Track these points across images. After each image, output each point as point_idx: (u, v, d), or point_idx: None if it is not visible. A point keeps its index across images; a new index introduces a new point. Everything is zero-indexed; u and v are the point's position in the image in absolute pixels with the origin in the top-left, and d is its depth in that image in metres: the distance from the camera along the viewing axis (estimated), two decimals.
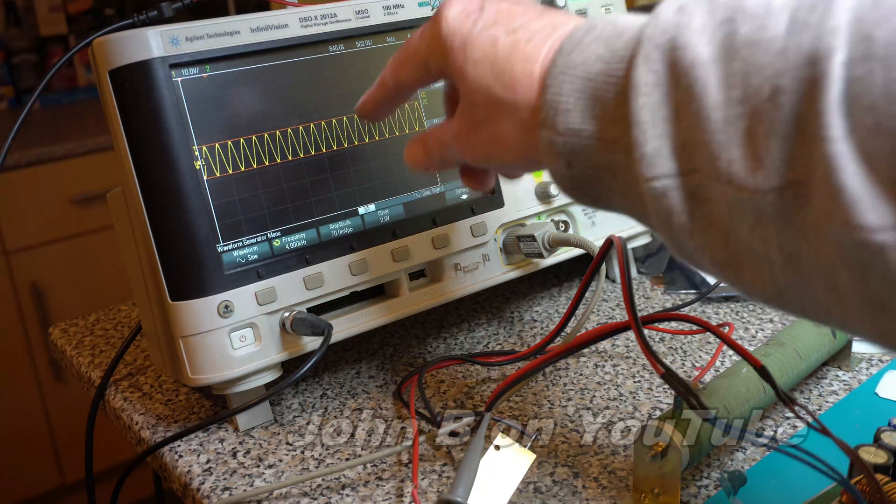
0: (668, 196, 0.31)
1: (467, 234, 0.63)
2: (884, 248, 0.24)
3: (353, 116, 0.59)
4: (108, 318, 0.82)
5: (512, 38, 0.37)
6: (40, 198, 1.91)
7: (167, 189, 0.53)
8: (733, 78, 0.28)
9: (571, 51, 0.34)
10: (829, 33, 0.25)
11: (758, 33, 0.27)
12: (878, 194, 0.24)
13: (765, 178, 0.27)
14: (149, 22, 0.59)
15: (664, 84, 0.30)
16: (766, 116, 0.27)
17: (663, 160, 0.30)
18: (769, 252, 0.28)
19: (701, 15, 0.29)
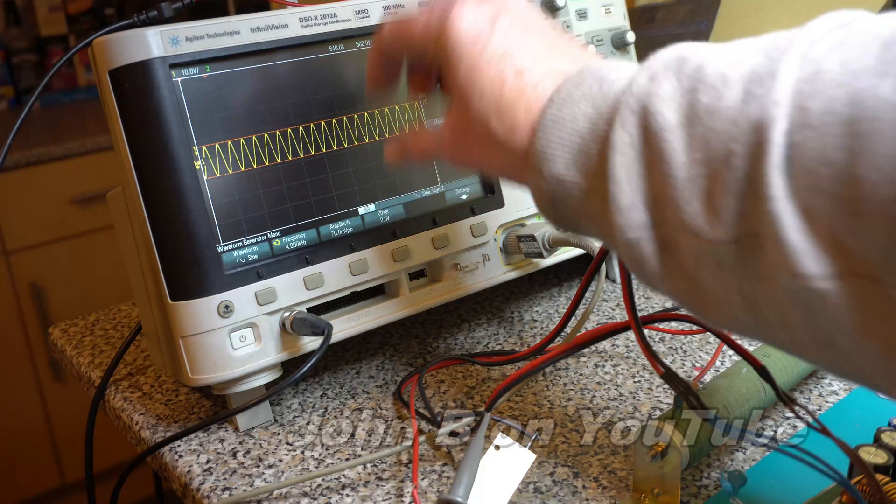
0: (640, 246, 0.34)
1: (467, 234, 0.63)
2: (825, 294, 0.27)
3: (353, 116, 0.59)
4: (108, 318, 0.82)
5: (519, 83, 0.39)
6: (40, 198, 1.91)
7: (167, 189, 0.53)
8: (696, 141, 0.31)
9: (562, 105, 0.37)
10: (772, 105, 0.28)
11: (716, 102, 0.30)
12: (819, 246, 0.27)
13: (723, 231, 0.30)
14: (149, 22, 0.59)
15: (638, 145, 0.33)
16: (721, 176, 0.30)
17: (636, 212, 0.33)
18: (730, 296, 0.31)
19: (669, 84, 0.32)
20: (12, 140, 0.59)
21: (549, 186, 0.37)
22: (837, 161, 0.26)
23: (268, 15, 0.56)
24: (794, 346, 0.31)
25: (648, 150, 0.32)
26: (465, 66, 0.41)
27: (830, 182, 0.26)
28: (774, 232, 0.28)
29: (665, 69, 0.33)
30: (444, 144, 0.45)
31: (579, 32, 0.71)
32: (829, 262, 0.27)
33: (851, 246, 0.26)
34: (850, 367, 0.29)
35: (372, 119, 0.60)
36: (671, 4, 1.00)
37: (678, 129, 0.31)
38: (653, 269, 0.34)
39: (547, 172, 0.37)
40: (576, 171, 0.36)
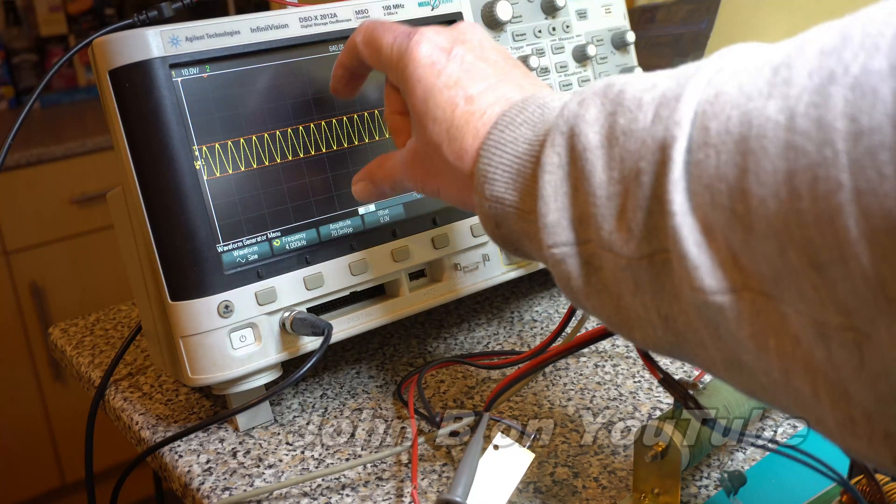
0: (566, 262, 0.35)
1: (467, 234, 0.63)
2: (723, 308, 0.28)
3: (353, 116, 0.59)
4: (108, 318, 0.82)
5: (468, 108, 0.41)
6: (40, 198, 1.91)
7: (167, 189, 0.53)
8: (613, 161, 0.32)
9: (504, 128, 0.39)
10: (675, 125, 0.30)
11: (631, 124, 0.32)
12: (716, 261, 0.28)
13: (636, 247, 0.31)
14: (149, 22, 0.59)
15: (565, 165, 0.35)
16: (633, 193, 0.31)
17: (562, 230, 0.35)
18: (650, 316, 0.32)
19: (594, 107, 0.34)
20: (12, 140, 0.59)
21: (490, 206, 0.39)
22: (730, 176, 0.27)
23: (268, 15, 0.56)
24: (711, 367, 0.31)
25: (574, 169, 0.34)
26: (420, 91, 0.43)
27: (725, 197, 0.27)
28: (676, 246, 0.29)
29: (593, 95, 0.35)
30: (407, 172, 0.47)
31: (579, 32, 0.72)
32: (726, 276, 0.28)
33: (745, 260, 0.27)
34: (758, 386, 0.30)
35: (371, 119, 0.60)
36: (671, 4, 1.00)
37: (599, 149, 0.33)
38: (579, 286, 0.35)
39: (488, 192, 0.39)
40: (513, 190, 0.38)
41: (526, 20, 0.68)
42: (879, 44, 0.24)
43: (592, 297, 0.35)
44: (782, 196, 0.25)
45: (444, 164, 0.42)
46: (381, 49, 0.46)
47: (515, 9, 0.68)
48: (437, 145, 0.42)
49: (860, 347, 0.25)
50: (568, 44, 0.71)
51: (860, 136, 0.23)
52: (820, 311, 0.25)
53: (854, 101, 0.24)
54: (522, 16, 0.68)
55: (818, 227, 0.24)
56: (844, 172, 0.23)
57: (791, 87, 0.26)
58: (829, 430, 0.28)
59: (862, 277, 0.24)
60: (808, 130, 0.25)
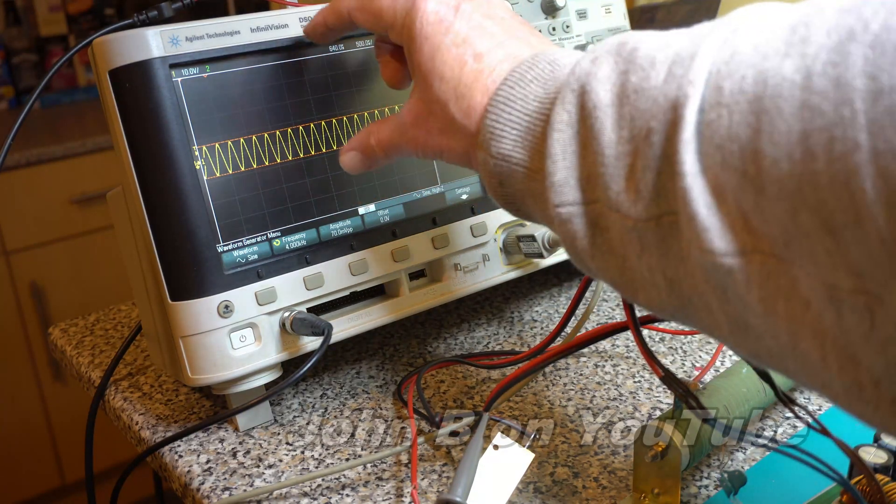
0: (572, 222, 0.34)
1: (467, 234, 0.63)
2: (733, 271, 0.28)
3: (353, 116, 0.59)
4: (108, 318, 0.82)
5: (477, 66, 0.41)
6: (40, 198, 1.91)
7: (167, 189, 0.53)
8: (623, 120, 0.32)
9: (514, 85, 0.38)
10: (688, 84, 0.29)
11: (643, 82, 0.32)
12: (726, 223, 0.28)
13: (644, 208, 0.31)
14: (149, 22, 0.59)
15: (575, 123, 0.34)
16: (642, 153, 0.31)
17: (569, 189, 0.34)
18: (655, 278, 0.32)
19: (607, 65, 0.34)
20: (12, 140, 0.59)
21: (496, 164, 0.38)
22: (743, 137, 0.27)
23: (268, 15, 0.56)
24: (716, 330, 0.31)
25: (584, 127, 0.34)
26: (427, 49, 0.42)
27: (737, 158, 0.27)
28: (686, 208, 0.29)
29: (606, 53, 0.34)
30: (406, 134, 0.45)
31: (579, 32, 0.72)
32: (736, 238, 0.27)
33: (756, 223, 0.27)
34: (764, 350, 0.29)
35: (371, 119, 0.60)
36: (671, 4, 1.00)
37: (609, 107, 0.32)
38: (584, 247, 0.34)
39: (495, 150, 0.38)
40: (521, 148, 0.37)
41: (526, 20, 0.68)
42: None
43: (598, 258, 0.34)
44: (796, 157, 0.25)
45: (450, 122, 0.41)
46: (380, 11, 0.45)
47: (515, 9, 0.68)
48: (443, 103, 0.41)
49: (871, 311, 0.24)
50: (568, 44, 0.71)
51: (880, 96, 0.23)
52: (831, 274, 0.25)
53: (874, 58, 0.23)
54: (522, 16, 0.68)
55: (833, 188, 0.24)
56: (862, 133, 0.23)
57: (808, 46, 0.25)
58: (835, 394, 0.27)
59: (878, 240, 0.23)
60: (825, 90, 0.24)
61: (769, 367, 0.31)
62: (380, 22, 0.46)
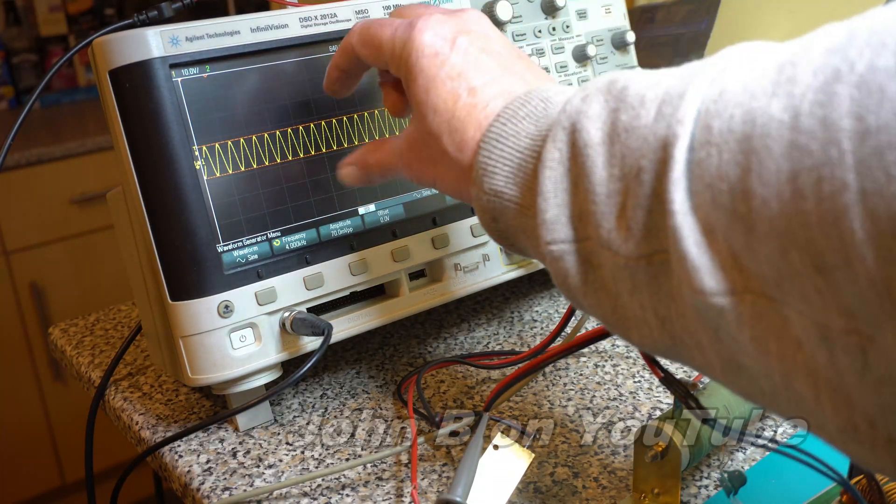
0: (564, 259, 0.34)
1: (467, 234, 0.63)
2: (724, 311, 0.27)
3: (353, 116, 0.59)
4: (108, 318, 0.82)
5: (471, 100, 0.41)
6: (40, 198, 1.91)
7: (167, 189, 0.53)
8: (614, 158, 0.32)
9: (506, 121, 0.38)
10: (677, 123, 0.29)
11: (633, 121, 0.32)
12: (717, 262, 0.28)
13: (635, 246, 0.31)
14: (149, 22, 0.59)
15: (566, 160, 0.34)
16: (633, 191, 0.31)
17: (561, 227, 0.34)
18: (647, 316, 0.32)
19: (597, 104, 0.34)
20: (12, 140, 0.59)
21: (488, 199, 0.38)
22: (732, 176, 0.27)
23: (268, 15, 0.56)
24: (709, 370, 0.31)
25: (574, 165, 0.34)
26: (422, 81, 0.43)
27: (727, 197, 0.27)
28: (676, 246, 0.28)
29: (597, 91, 0.34)
30: (402, 159, 0.46)
31: (579, 32, 0.72)
32: (727, 277, 0.27)
33: (746, 262, 0.27)
34: (758, 390, 0.29)
35: (371, 119, 0.60)
36: (671, 4, 1.00)
37: (600, 146, 0.33)
38: (576, 284, 0.34)
39: (487, 186, 0.38)
40: (513, 185, 0.37)
41: (526, 20, 0.69)
42: (886, 41, 0.23)
43: (590, 296, 0.34)
44: (785, 196, 0.25)
45: (444, 154, 0.42)
46: (381, 45, 0.46)
47: (515, 9, 0.68)
48: (437, 136, 0.42)
49: (864, 352, 0.24)
50: (568, 44, 0.71)
51: (867, 136, 0.23)
52: (823, 314, 0.25)
53: (860, 99, 0.23)
54: (522, 16, 0.68)
55: (822, 228, 0.24)
56: (850, 173, 0.23)
57: (796, 86, 0.25)
58: (830, 435, 0.27)
59: (867, 280, 0.23)
60: (812, 129, 0.24)
61: (763, 407, 0.31)
62: (380, 55, 0.46)
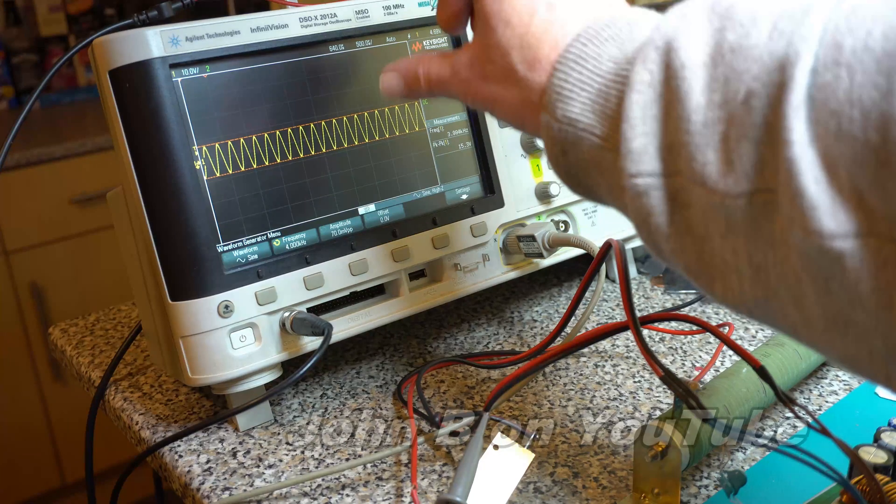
0: (649, 195, 0.31)
1: (467, 234, 0.63)
2: (843, 256, 0.24)
3: (353, 116, 0.59)
4: (108, 318, 0.82)
5: (549, 16, 0.37)
6: (40, 198, 1.91)
7: (167, 189, 0.53)
8: (716, 82, 0.28)
9: (587, 42, 0.34)
10: (800, 40, 0.26)
11: (742, 40, 0.28)
12: (838, 201, 0.24)
13: (735, 183, 0.28)
14: (149, 22, 0.59)
15: (658, 84, 0.30)
16: (739, 120, 0.27)
17: (648, 158, 0.30)
18: (739, 263, 0.29)
19: (699, 22, 0.30)
20: (12, 140, 0.59)
21: (560, 128, 0.34)
22: (869, 101, 0.24)
23: (268, 15, 0.56)
24: (804, 329, 0.28)
25: (668, 89, 0.30)
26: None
27: (858, 125, 0.24)
28: (791, 182, 0.25)
29: (698, 8, 0.31)
30: (458, 74, 0.42)
31: None
32: (850, 219, 0.24)
33: (875, 202, 0.24)
34: (864, 352, 0.26)
35: (372, 119, 0.60)
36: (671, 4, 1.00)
37: (700, 68, 0.29)
38: (660, 225, 0.31)
39: (561, 112, 0.34)
40: (591, 113, 0.33)
41: None
42: None
43: (673, 239, 0.31)
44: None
45: (510, 72, 0.38)
46: None
47: None
48: (506, 50, 0.38)
49: None
50: None
51: None
52: None
53: None
54: None
55: None
56: None
57: None
58: None
59: None
60: None
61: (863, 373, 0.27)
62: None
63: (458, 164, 0.63)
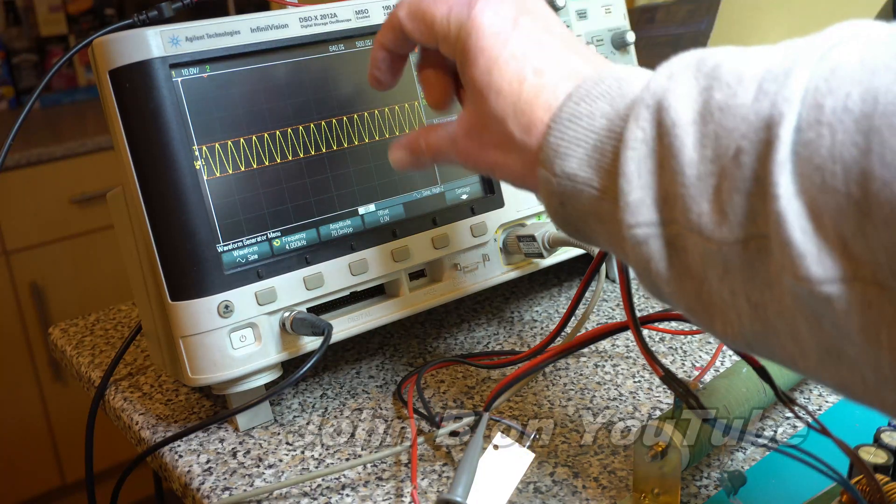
0: (648, 243, 0.33)
1: (467, 234, 0.63)
2: (831, 299, 0.26)
3: (353, 116, 0.59)
4: (108, 318, 0.82)
5: (538, 81, 0.39)
6: (40, 198, 1.91)
7: (167, 189, 0.53)
8: (707, 138, 0.30)
9: (580, 101, 0.36)
10: (783, 101, 0.28)
11: (730, 100, 0.30)
12: (825, 248, 0.26)
13: (729, 231, 0.30)
14: (149, 22, 0.59)
15: (651, 140, 0.32)
16: (730, 174, 0.29)
17: (646, 209, 0.33)
18: (737, 302, 0.30)
19: (686, 82, 0.32)
20: (12, 140, 0.59)
21: (559, 183, 0.36)
22: (849, 158, 0.25)
23: (268, 15, 0.56)
24: (801, 360, 0.30)
25: (661, 146, 0.32)
26: (483, 62, 0.40)
27: (840, 180, 0.25)
28: (780, 232, 0.27)
29: (684, 68, 0.33)
30: (457, 145, 0.44)
31: (579, 32, 0.71)
32: (836, 265, 0.26)
33: (858, 249, 0.26)
34: (858, 381, 0.28)
35: (372, 119, 0.60)
36: (671, 4, 1.00)
37: (690, 125, 0.31)
38: (660, 270, 0.33)
39: (559, 169, 0.36)
40: (588, 168, 0.35)
41: None
42: None
43: (673, 282, 0.33)
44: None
45: (507, 139, 0.39)
46: (433, 22, 0.43)
47: None
48: (501, 119, 0.39)
49: None
50: None
51: None
52: None
53: None
54: None
55: None
56: None
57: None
58: None
59: None
60: None
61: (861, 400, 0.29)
62: (431, 32, 0.43)
63: None
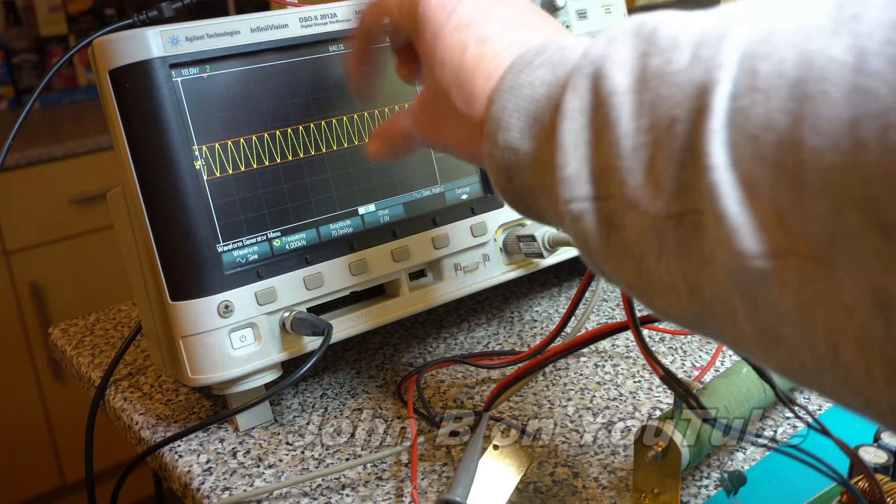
0: (584, 219, 0.32)
1: (467, 234, 0.63)
2: (766, 275, 0.25)
3: (353, 116, 0.59)
4: (108, 318, 0.82)
5: (480, 50, 0.38)
6: (40, 198, 1.91)
7: (167, 189, 0.53)
8: (643, 107, 0.29)
9: (520, 70, 0.35)
10: (717, 67, 0.26)
11: (665, 66, 0.29)
12: (757, 222, 0.25)
13: (664, 205, 0.28)
14: (149, 22, 0.59)
15: (588, 111, 0.31)
16: (664, 144, 0.28)
17: (581, 184, 0.31)
18: (675, 282, 0.29)
19: (624, 48, 0.31)
20: (12, 140, 0.59)
21: (502, 157, 0.35)
22: (781, 125, 0.24)
23: (268, 15, 0.56)
24: (741, 342, 0.29)
25: (597, 116, 0.31)
26: (429, 34, 0.39)
27: (773, 149, 0.24)
28: (713, 205, 0.26)
29: (624, 34, 0.31)
30: (417, 122, 0.43)
31: (579, 32, 0.71)
32: (770, 239, 0.25)
33: (793, 222, 0.24)
34: (797, 364, 0.27)
35: (372, 119, 0.60)
36: (671, 4, 1.00)
37: (627, 94, 0.30)
38: (597, 246, 0.32)
39: (501, 140, 0.35)
40: (529, 138, 0.34)
41: None
42: None
43: (612, 260, 0.32)
44: (843, 147, 0.22)
45: (453, 111, 0.39)
46: (388, 5, 0.43)
47: None
48: (445, 91, 0.39)
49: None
50: None
51: None
52: (881, 278, 0.22)
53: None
54: None
55: (886, 182, 0.21)
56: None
57: (861, 24, 0.23)
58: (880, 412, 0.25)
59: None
60: (880, 71, 0.22)
61: (802, 383, 0.28)
62: (391, 15, 0.43)
63: (457, 163, 0.63)
